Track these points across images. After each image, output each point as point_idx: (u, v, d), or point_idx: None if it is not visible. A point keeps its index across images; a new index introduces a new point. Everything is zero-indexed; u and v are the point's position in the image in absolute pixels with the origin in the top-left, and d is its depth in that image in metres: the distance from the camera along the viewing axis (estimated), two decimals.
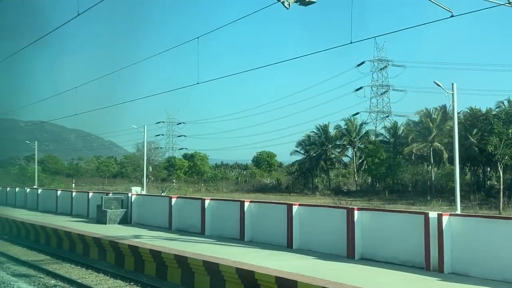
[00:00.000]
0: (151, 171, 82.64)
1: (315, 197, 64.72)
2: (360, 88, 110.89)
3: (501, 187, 48.71)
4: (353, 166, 74.69)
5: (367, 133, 72.89)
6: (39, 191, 34.44)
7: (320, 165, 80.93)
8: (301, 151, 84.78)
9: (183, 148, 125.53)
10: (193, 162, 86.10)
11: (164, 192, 46.64)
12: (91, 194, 28.06)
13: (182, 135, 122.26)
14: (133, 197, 23.78)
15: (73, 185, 70.17)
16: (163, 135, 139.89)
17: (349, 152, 78.31)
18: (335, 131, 74.18)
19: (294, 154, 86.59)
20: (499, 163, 49.23)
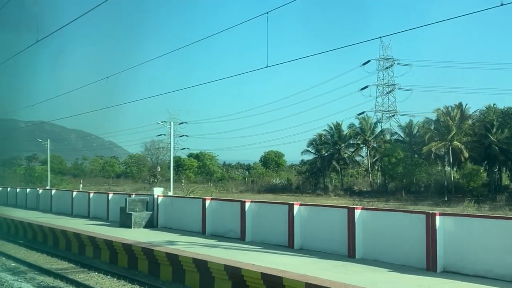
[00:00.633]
0: (159, 171, 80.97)
1: (330, 198, 62.94)
2: (365, 87, 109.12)
3: None
4: (368, 165, 72.87)
5: (382, 132, 71.07)
6: (53, 192, 32.76)
7: (332, 165, 79.24)
8: (312, 150, 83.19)
9: (185, 148, 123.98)
10: (202, 162, 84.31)
11: (190, 193, 44.86)
12: (111, 195, 26.37)
13: (184, 135, 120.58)
14: (160, 199, 22.07)
15: (81, 186, 68.47)
16: (164, 135, 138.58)
17: (362, 151, 76.50)
18: (349, 129, 72.38)
19: (305, 153, 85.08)
20: None
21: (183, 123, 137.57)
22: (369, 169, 73.08)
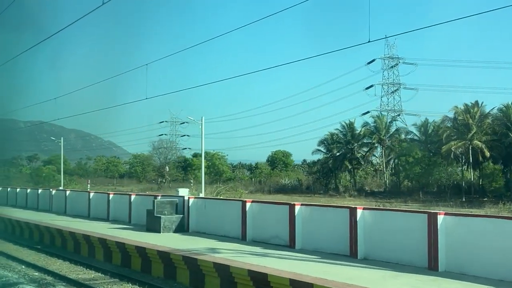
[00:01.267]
0: (167, 170, 79.16)
1: (345, 199, 61.19)
2: (370, 86, 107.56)
3: None
4: (382, 165, 71.05)
5: (398, 131, 69.26)
6: (67, 193, 30.99)
7: (344, 165, 77.47)
8: (323, 150, 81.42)
9: (186, 148, 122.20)
10: (212, 161, 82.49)
11: (217, 194, 43.05)
12: (133, 196, 24.59)
13: (185, 135, 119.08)
14: (191, 201, 20.30)
15: (88, 186, 66.71)
16: (166, 134, 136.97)
17: (376, 151, 74.68)
18: (364, 128, 70.57)
19: (316, 153, 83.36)
20: None
21: (184, 123, 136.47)
22: (384, 169, 71.24)
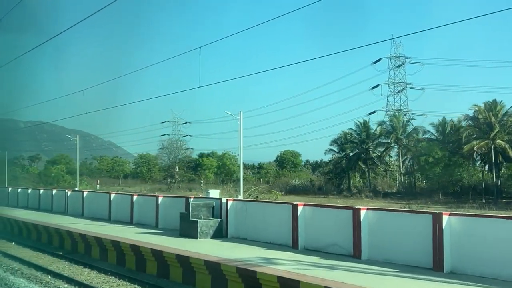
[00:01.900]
0: (177, 170, 77.34)
1: (363, 201, 59.25)
2: (377, 86, 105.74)
3: None
4: (399, 165, 69.18)
5: (415, 130, 67.37)
6: (85, 194, 29.20)
7: (358, 165, 75.62)
8: (335, 149, 79.58)
9: (189, 148, 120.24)
10: (222, 161, 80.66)
11: (249, 196, 41.11)
12: (161, 198, 22.80)
13: (188, 135, 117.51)
14: (230, 203, 18.50)
15: (98, 186, 65.06)
16: (168, 135, 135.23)
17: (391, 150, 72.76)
18: (380, 127, 68.70)
19: (328, 152, 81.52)
20: None
21: (186, 123, 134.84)
22: (400, 169, 69.36)
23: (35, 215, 29.18)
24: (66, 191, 31.38)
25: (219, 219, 18.49)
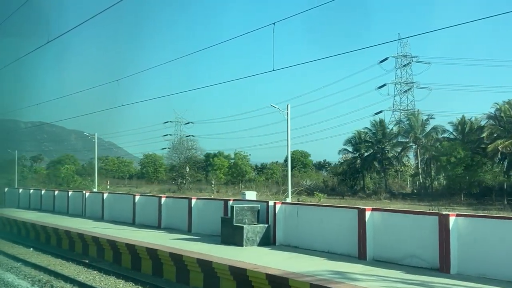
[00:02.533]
0: (188, 171, 75.36)
1: (381, 202, 57.33)
2: (383, 85, 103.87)
3: None
4: (417, 166, 67.16)
5: (435, 129, 65.35)
6: (105, 195, 27.33)
7: (373, 165, 73.64)
8: (349, 149, 77.64)
9: (198, 148, 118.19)
10: (234, 161, 78.67)
11: (286, 198, 38.97)
12: (194, 200, 20.91)
13: (190, 135, 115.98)
14: (278, 207, 16.62)
15: (108, 187, 63.21)
16: (171, 135, 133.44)
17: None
18: (397, 126, 66.71)
19: (341, 152, 79.62)
20: None
21: (189, 123, 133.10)
22: (419, 169, 67.34)
23: (51, 218, 27.33)
24: (83, 192, 29.53)
25: (266, 225, 16.62)
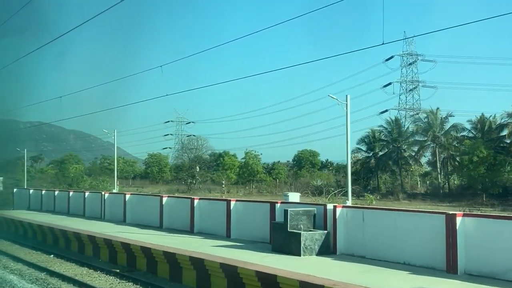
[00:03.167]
0: (198, 171, 73.40)
1: (400, 203, 55.39)
2: (388, 84, 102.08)
3: None
4: (437, 165, 65.16)
5: (454, 127, 63.40)
6: (127, 197, 25.39)
7: (388, 165, 71.76)
8: (363, 148, 75.80)
9: (192, 148, 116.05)
10: (245, 160, 76.69)
11: (329, 200, 37.20)
12: (233, 202, 18.98)
13: (191, 135, 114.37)
14: (338, 211, 14.69)
15: (118, 187, 61.09)
16: (172, 134, 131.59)
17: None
18: (415, 124, 64.76)
19: (356, 152, 77.68)
20: None
21: (190, 123, 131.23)
22: (438, 169, 65.36)
23: (68, 221, 25.43)
24: (102, 193, 27.58)
25: (325, 231, 14.69)
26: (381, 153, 72.30)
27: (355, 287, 10.42)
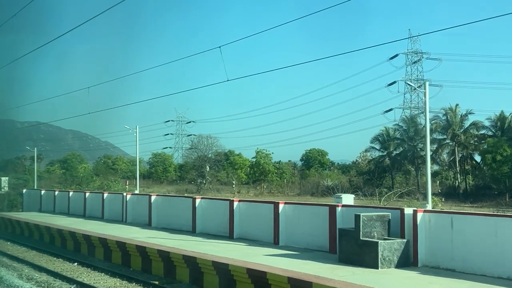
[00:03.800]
0: (208, 170, 71.33)
1: (420, 203, 53.40)
2: (393, 82, 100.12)
3: None
4: (456, 164, 63.09)
5: (475, 125, 61.35)
6: (153, 198, 23.38)
7: (403, 164, 69.66)
8: (377, 147, 73.71)
9: (193, 148, 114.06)
10: (256, 160, 74.63)
11: (384, 202, 35.17)
12: (282, 205, 16.94)
13: (191, 134, 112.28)
14: (419, 216, 12.70)
15: (127, 187, 59.25)
16: (172, 134, 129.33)
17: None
18: (433, 123, 62.67)
19: (370, 151, 75.79)
20: None
21: (190, 122, 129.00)
22: (458, 169, 63.28)
23: (89, 225, 23.46)
24: (124, 194, 25.58)
25: (404, 240, 12.70)
26: (395, 152, 70.24)
27: None
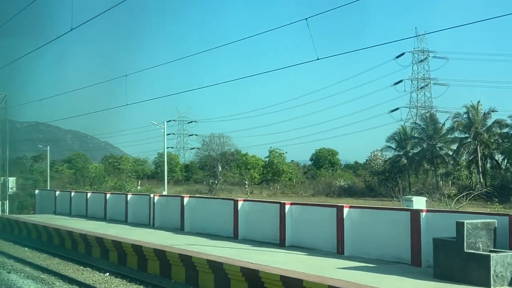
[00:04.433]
0: (220, 170, 69.29)
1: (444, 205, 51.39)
2: (400, 81, 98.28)
3: None
4: (477, 164, 61.02)
5: (498, 123, 59.30)
6: (186, 200, 21.33)
7: (422, 164, 67.58)
8: (393, 146, 71.64)
9: (194, 148, 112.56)
10: (269, 159, 72.59)
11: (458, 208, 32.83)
12: (346, 209, 14.89)
13: (193, 134, 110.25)
14: None
15: (139, 187, 57.33)
16: (173, 134, 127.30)
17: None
18: (455, 120, 60.68)
19: (386, 150, 73.70)
20: None
21: (192, 122, 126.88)
22: (480, 168, 61.22)
23: (113, 229, 21.44)
24: (151, 196, 23.54)
25: None
26: (413, 151, 68.19)
27: None
